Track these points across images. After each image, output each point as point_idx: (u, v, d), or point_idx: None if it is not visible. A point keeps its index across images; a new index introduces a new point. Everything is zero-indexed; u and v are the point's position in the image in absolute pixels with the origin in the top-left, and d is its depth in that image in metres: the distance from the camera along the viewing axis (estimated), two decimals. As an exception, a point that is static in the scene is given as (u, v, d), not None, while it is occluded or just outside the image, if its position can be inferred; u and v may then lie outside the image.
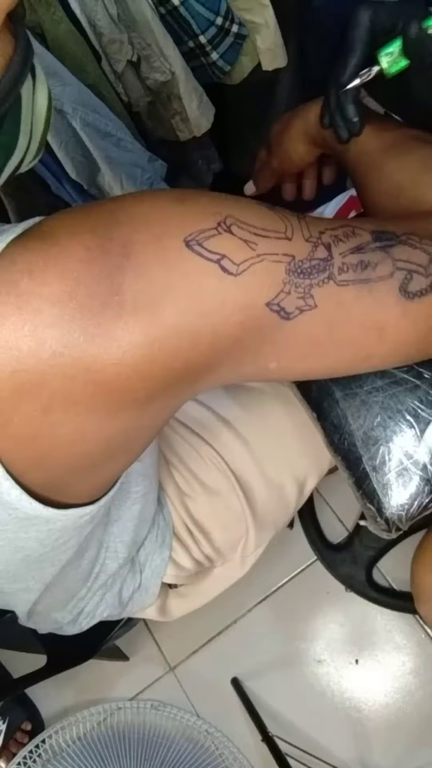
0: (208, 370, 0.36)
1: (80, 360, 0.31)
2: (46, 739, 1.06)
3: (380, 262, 0.37)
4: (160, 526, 0.69)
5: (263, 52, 0.90)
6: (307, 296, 0.35)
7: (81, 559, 0.55)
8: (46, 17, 0.79)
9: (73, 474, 0.39)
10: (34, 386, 0.31)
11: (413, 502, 0.58)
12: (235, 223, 0.34)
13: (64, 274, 0.30)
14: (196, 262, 0.32)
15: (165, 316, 0.32)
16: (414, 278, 0.38)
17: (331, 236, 0.37)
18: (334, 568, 1.21)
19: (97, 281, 0.31)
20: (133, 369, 0.32)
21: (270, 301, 0.34)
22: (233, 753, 1.06)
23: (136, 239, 0.32)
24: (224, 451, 0.72)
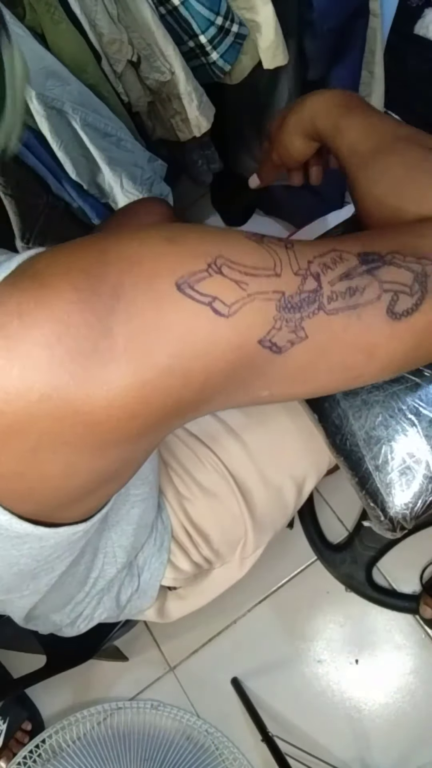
0: (199, 404, 0.36)
1: (70, 402, 0.31)
2: (46, 739, 1.06)
3: (368, 286, 0.37)
4: (159, 529, 0.69)
5: (264, 51, 0.90)
6: (298, 329, 0.35)
7: (77, 566, 0.55)
8: (46, 17, 0.79)
9: (62, 503, 0.39)
10: (23, 427, 0.31)
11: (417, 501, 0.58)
12: (225, 263, 0.34)
13: (54, 317, 0.30)
14: (187, 305, 0.32)
15: (157, 359, 0.32)
16: (400, 298, 0.38)
17: (320, 264, 0.37)
18: (334, 568, 1.21)
19: (88, 324, 0.30)
20: (123, 410, 0.32)
21: (262, 339, 0.34)
22: (233, 753, 1.06)
23: (126, 281, 0.31)
24: (222, 454, 0.72)
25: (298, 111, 0.58)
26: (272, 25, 0.86)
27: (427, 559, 1.19)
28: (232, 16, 0.85)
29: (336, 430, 0.61)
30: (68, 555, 0.46)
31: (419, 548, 1.19)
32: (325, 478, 0.81)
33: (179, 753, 1.08)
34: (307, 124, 0.57)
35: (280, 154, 0.63)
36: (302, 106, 0.57)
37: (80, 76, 0.85)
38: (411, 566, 1.20)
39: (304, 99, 0.57)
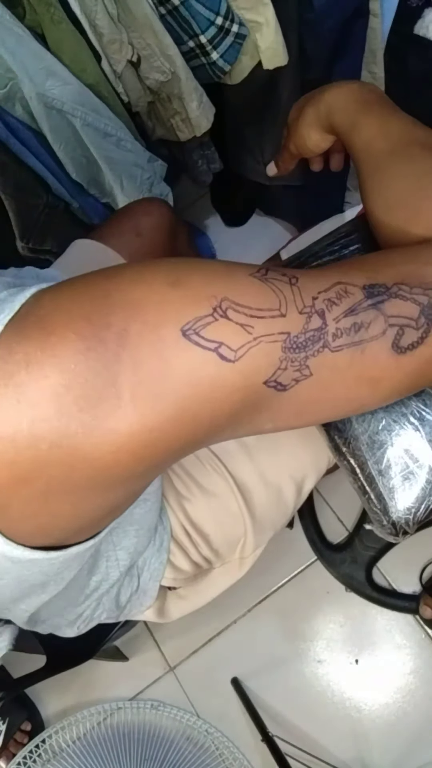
0: (204, 442, 0.37)
1: (79, 450, 0.31)
2: (46, 739, 1.06)
3: (373, 321, 0.37)
4: (159, 529, 0.69)
5: (264, 51, 0.90)
6: (303, 368, 0.35)
7: (81, 570, 0.56)
8: (46, 17, 0.79)
9: (71, 535, 0.39)
10: (33, 474, 0.32)
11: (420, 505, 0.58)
12: (230, 306, 0.33)
13: (61, 367, 0.30)
14: (193, 353, 0.32)
15: (164, 405, 0.32)
16: (406, 332, 0.38)
17: (324, 300, 0.36)
18: (334, 568, 1.21)
19: (95, 373, 0.30)
20: (131, 455, 0.32)
21: (268, 380, 0.35)
22: (233, 753, 1.06)
23: (131, 329, 0.31)
24: (222, 454, 0.72)
25: (315, 103, 0.57)
26: (272, 25, 0.86)
27: (427, 559, 1.19)
28: (232, 16, 0.85)
29: (339, 433, 0.60)
30: (77, 566, 0.47)
31: (419, 548, 1.19)
32: (324, 478, 0.81)
33: (179, 753, 1.08)
34: (323, 118, 0.56)
35: (297, 144, 0.62)
36: (320, 98, 0.56)
37: (80, 76, 0.85)
38: (411, 566, 1.20)
39: (323, 90, 0.56)
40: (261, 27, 0.87)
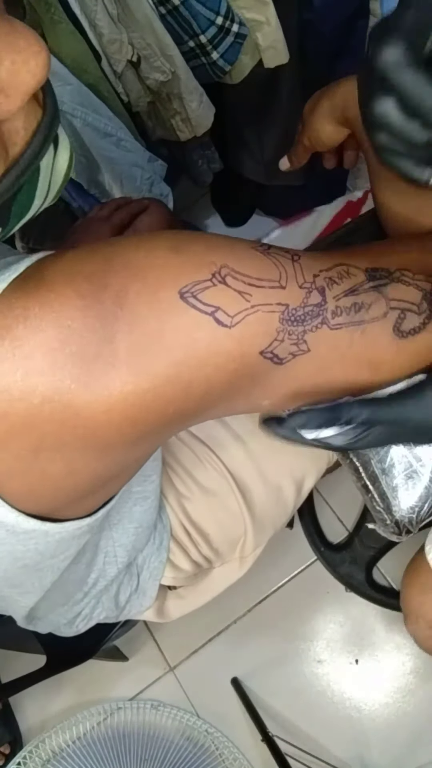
0: (200, 412, 0.36)
1: (71, 406, 0.31)
2: (46, 739, 1.06)
3: (374, 303, 0.37)
4: (158, 528, 0.69)
5: (265, 50, 0.90)
6: (300, 342, 0.35)
7: (78, 564, 0.56)
8: (46, 17, 0.79)
9: (65, 502, 0.39)
10: (24, 428, 0.32)
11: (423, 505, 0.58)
12: (229, 273, 0.33)
13: (58, 322, 0.30)
14: (190, 315, 0.32)
15: (158, 367, 0.32)
16: (407, 317, 0.38)
17: (325, 278, 0.37)
18: (334, 568, 1.21)
19: (91, 330, 0.31)
20: (123, 416, 0.32)
21: (264, 350, 0.34)
22: (233, 753, 1.06)
23: (130, 289, 0.32)
24: (221, 453, 0.72)
25: (330, 96, 0.56)
26: (273, 23, 0.86)
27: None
28: (232, 16, 0.85)
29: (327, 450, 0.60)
30: (72, 550, 0.47)
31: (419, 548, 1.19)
32: (324, 478, 0.81)
33: (179, 753, 1.08)
34: (338, 110, 0.56)
35: (311, 137, 0.62)
36: (336, 90, 0.56)
37: (80, 76, 0.85)
38: (411, 566, 1.20)
39: (339, 84, 0.56)
40: (262, 26, 0.87)
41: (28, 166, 0.30)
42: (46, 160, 0.32)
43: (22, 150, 0.30)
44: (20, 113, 0.29)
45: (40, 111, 0.30)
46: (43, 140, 0.30)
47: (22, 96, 0.27)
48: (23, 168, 0.30)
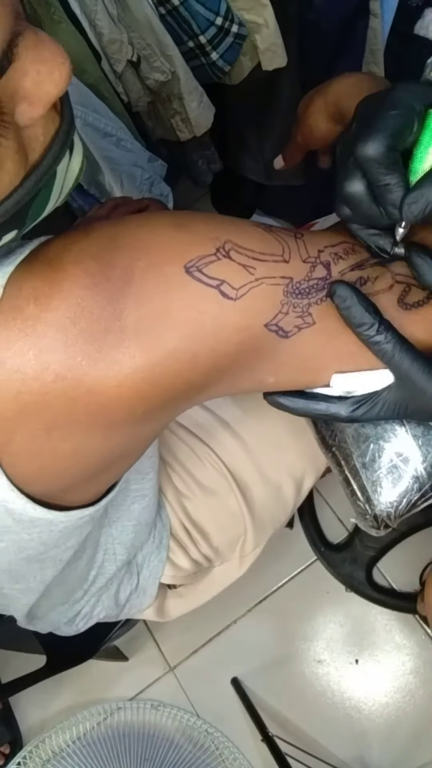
0: (206, 386, 0.37)
1: (82, 383, 0.32)
2: (46, 739, 1.06)
3: (380, 276, 0.38)
4: (158, 527, 0.69)
5: (263, 52, 0.90)
6: (305, 314, 0.36)
7: (79, 561, 0.56)
8: (46, 17, 0.79)
9: (72, 483, 0.39)
10: (38, 407, 0.32)
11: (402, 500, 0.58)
12: (233, 248, 0.34)
13: (68, 301, 0.31)
14: (196, 288, 0.33)
15: (166, 340, 0.32)
16: (412, 290, 0.38)
17: (330, 254, 0.37)
18: (334, 568, 1.21)
19: (100, 307, 0.31)
20: (133, 390, 0.33)
21: (268, 322, 0.35)
22: (233, 753, 1.06)
23: (136, 266, 0.32)
24: (222, 451, 0.72)
25: (324, 92, 0.57)
26: (272, 26, 0.86)
27: (427, 559, 1.19)
28: (231, 17, 0.85)
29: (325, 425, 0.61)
30: (74, 540, 0.47)
31: (419, 548, 1.19)
32: (324, 478, 0.81)
33: (179, 753, 1.08)
34: (331, 105, 0.56)
35: (305, 135, 0.62)
36: (329, 87, 0.56)
37: (80, 76, 0.85)
38: (411, 566, 1.20)
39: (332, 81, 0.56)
40: (260, 28, 0.87)
41: (47, 172, 0.31)
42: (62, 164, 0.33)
43: (41, 156, 0.31)
44: (40, 120, 0.30)
45: (58, 118, 0.31)
46: (60, 147, 0.31)
47: (44, 105, 0.28)
48: (42, 173, 0.31)
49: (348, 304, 0.36)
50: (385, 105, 0.34)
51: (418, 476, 0.58)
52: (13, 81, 0.27)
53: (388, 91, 0.35)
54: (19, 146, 0.29)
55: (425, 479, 0.57)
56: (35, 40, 0.27)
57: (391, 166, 0.34)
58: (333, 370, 0.39)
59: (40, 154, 0.31)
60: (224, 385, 0.38)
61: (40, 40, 0.27)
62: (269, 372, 0.38)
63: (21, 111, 0.28)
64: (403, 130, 0.34)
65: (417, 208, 0.34)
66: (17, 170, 0.29)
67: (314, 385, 0.41)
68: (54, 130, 0.31)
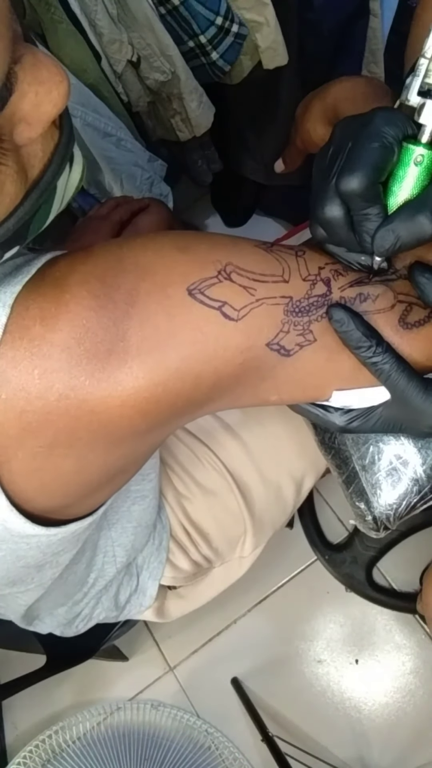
0: (208, 405, 0.37)
1: (86, 402, 0.32)
2: (46, 739, 1.06)
3: (381, 295, 0.38)
4: (158, 528, 0.69)
5: (264, 51, 0.90)
6: (306, 332, 0.37)
7: (78, 564, 0.56)
8: (46, 17, 0.79)
9: (73, 498, 0.40)
10: (41, 425, 0.33)
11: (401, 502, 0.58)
12: (234, 270, 0.35)
13: (74, 322, 0.32)
14: (198, 310, 0.34)
15: (169, 361, 0.33)
16: (413, 309, 0.38)
17: (331, 271, 0.38)
18: (334, 568, 1.21)
19: (105, 328, 0.32)
20: (136, 410, 0.33)
21: (270, 342, 0.36)
22: (233, 753, 1.06)
23: (141, 288, 0.33)
24: (221, 453, 0.72)
25: (322, 96, 0.57)
26: (272, 25, 0.86)
27: (427, 559, 1.19)
28: (232, 16, 0.85)
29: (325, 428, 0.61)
30: (73, 547, 0.47)
31: (419, 548, 1.19)
32: (324, 478, 0.81)
33: (179, 753, 1.08)
34: (329, 110, 0.57)
35: (303, 139, 0.62)
36: (327, 91, 0.57)
37: (80, 76, 0.85)
38: (411, 566, 1.20)
39: (330, 84, 0.57)
40: (261, 27, 0.87)
41: (47, 188, 0.31)
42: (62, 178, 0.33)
43: (42, 172, 0.31)
44: (39, 137, 0.30)
45: (57, 133, 0.31)
46: (60, 161, 0.32)
47: (43, 125, 0.29)
48: (43, 190, 0.31)
49: (345, 327, 0.36)
50: (368, 136, 0.35)
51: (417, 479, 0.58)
52: (12, 104, 0.27)
53: (369, 119, 0.35)
54: (19, 167, 0.29)
55: (424, 482, 0.57)
56: (32, 61, 0.27)
57: (372, 198, 0.35)
58: (333, 387, 0.40)
59: (40, 170, 0.31)
60: (226, 401, 0.38)
61: (37, 60, 0.27)
62: (271, 390, 0.39)
63: (19, 132, 0.28)
64: (385, 164, 0.35)
65: (387, 243, 0.35)
66: (18, 190, 0.30)
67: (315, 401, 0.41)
68: (53, 145, 0.31)
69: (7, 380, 0.32)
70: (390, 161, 0.35)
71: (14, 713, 1.25)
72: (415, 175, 0.35)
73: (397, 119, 0.35)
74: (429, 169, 0.35)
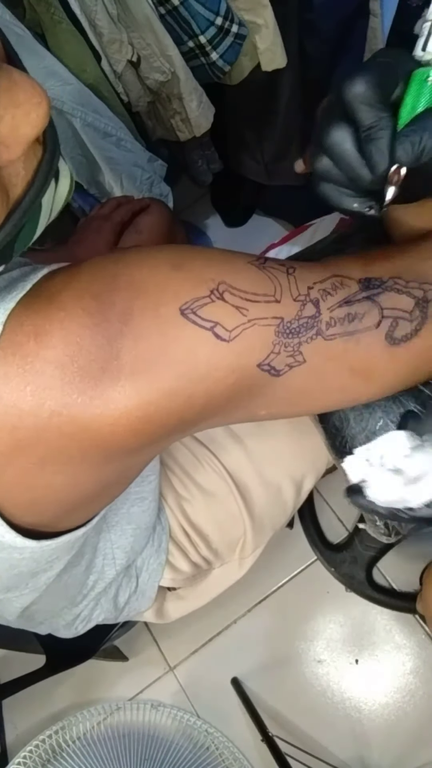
0: (199, 423, 0.37)
1: (78, 420, 0.32)
2: (46, 739, 1.06)
3: (367, 313, 0.38)
4: (157, 530, 0.69)
5: (263, 53, 0.90)
6: (296, 353, 0.37)
7: (77, 567, 0.56)
8: (46, 17, 0.79)
9: (65, 513, 0.40)
10: (32, 442, 0.32)
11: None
12: (227, 289, 0.35)
13: (68, 339, 0.31)
14: (190, 330, 0.33)
15: (161, 381, 0.33)
16: (400, 324, 0.38)
17: (319, 291, 0.38)
18: (334, 568, 1.21)
19: (98, 346, 0.32)
20: (128, 428, 0.33)
21: (261, 362, 0.36)
22: (233, 753, 1.06)
23: (135, 306, 0.33)
24: (221, 454, 0.72)
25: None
26: (271, 27, 0.86)
27: (427, 559, 1.19)
28: (231, 17, 0.85)
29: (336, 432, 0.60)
30: (67, 554, 0.47)
31: (419, 548, 1.19)
32: (324, 478, 0.81)
33: (179, 753, 1.08)
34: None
35: None
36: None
37: (80, 76, 0.85)
38: (411, 566, 1.20)
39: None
40: (260, 28, 0.87)
41: (30, 207, 0.31)
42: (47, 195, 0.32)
43: (24, 191, 0.30)
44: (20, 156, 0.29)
45: (40, 149, 0.30)
46: (44, 179, 0.31)
47: (22, 147, 0.28)
48: (25, 210, 0.30)
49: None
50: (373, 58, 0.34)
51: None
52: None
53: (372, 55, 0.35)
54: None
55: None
56: (8, 83, 0.26)
57: (379, 105, 0.33)
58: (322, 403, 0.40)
59: (22, 188, 0.30)
60: (217, 419, 0.39)
61: (13, 83, 0.26)
62: (261, 407, 0.39)
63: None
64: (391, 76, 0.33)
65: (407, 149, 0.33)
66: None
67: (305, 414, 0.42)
68: (36, 162, 0.30)
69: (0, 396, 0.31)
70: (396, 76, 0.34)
71: (14, 713, 1.25)
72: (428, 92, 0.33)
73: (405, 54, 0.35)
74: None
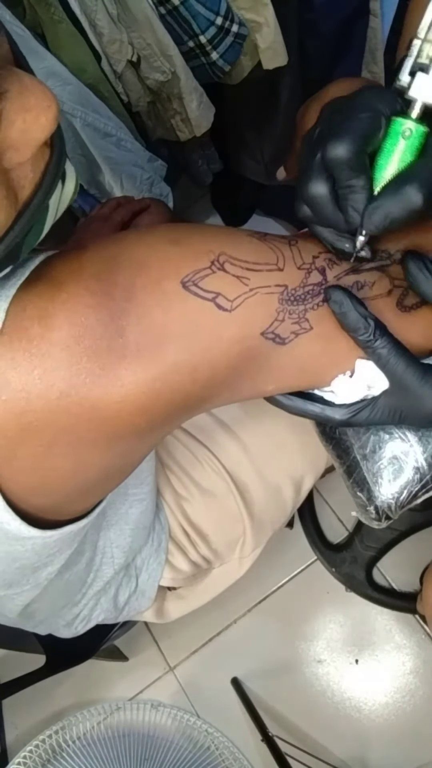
0: (206, 399, 0.37)
1: (86, 400, 0.32)
2: (46, 739, 1.06)
3: (378, 281, 0.38)
4: (157, 530, 0.69)
5: (263, 51, 0.90)
6: (302, 320, 0.36)
7: (77, 565, 0.56)
8: (46, 17, 0.79)
9: (70, 497, 0.40)
10: (41, 425, 0.32)
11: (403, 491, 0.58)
12: (227, 260, 0.35)
13: (72, 320, 0.31)
14: (192, 302, 0.34)
15: (166, 354, 0.33)
16: (410, 293, 0.39)
17: (326, 259, 0.38)
18: (334, 568, 1.21)
19: (103, 325, 0.32)
20: (135, 406, 0.33)
21: (265, 330, 0.36)
22: (233, 753, 1.06)
23: (137, 283, 0.33)
24: (220, 453, 0.72)
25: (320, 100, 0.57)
26: (272, 25, 0.86)
27: (427, 559, 1.19)
28: (232, 16, 0.85)
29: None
30: (68, 548, 0.47)
31: (419, 548, 1.19)
32: (324, 478, 0.81)
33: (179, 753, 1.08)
34: None
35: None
36: (325, 93, 0.56)
37: (80, 76, 0.85)
38: (411, 566, 1.20)
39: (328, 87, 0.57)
40: (261, 27, 0.87)
41: (38, 209, 0.31)
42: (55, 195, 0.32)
43: (32, 193, 0.30)
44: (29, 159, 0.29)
45: (48, 152, 0.31)
46: (52, 181, 0.31)
47: (32, 150, 0.28)
48: (33, 211, 0.31)
49: (343, 309, 0.36)
50: (356, 108, 0.35)
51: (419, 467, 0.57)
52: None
53: (357, 95, 0.35)
54: (7, 191, 0.29)
55: (426, 470, 0.57)
56: (19, 87, 0.27)
57: (359, 168, 0.34)
58: (332, 373, 0.40)
59: (30, 191, 0.30)
60: (224, 396, 0.38)
61: (24, 87, 0.27)
62: (269, 380, 0.39)
63: (8, 158, 0.28)
64: (373, 134, 0.34)
65: (377, 219, 0.34)
66: (7, 215, 0.29)
67: (314, 388, 0.41)
68: (44, 164, 0.31)
69: (7, 382, 0.31)
70: (377, 131, 0.34)
71: (14, 713, 1.25)
72: (403, 149, 0.35)
73: (386, 94, 0.35)
74: (417, 145, 0.35)
